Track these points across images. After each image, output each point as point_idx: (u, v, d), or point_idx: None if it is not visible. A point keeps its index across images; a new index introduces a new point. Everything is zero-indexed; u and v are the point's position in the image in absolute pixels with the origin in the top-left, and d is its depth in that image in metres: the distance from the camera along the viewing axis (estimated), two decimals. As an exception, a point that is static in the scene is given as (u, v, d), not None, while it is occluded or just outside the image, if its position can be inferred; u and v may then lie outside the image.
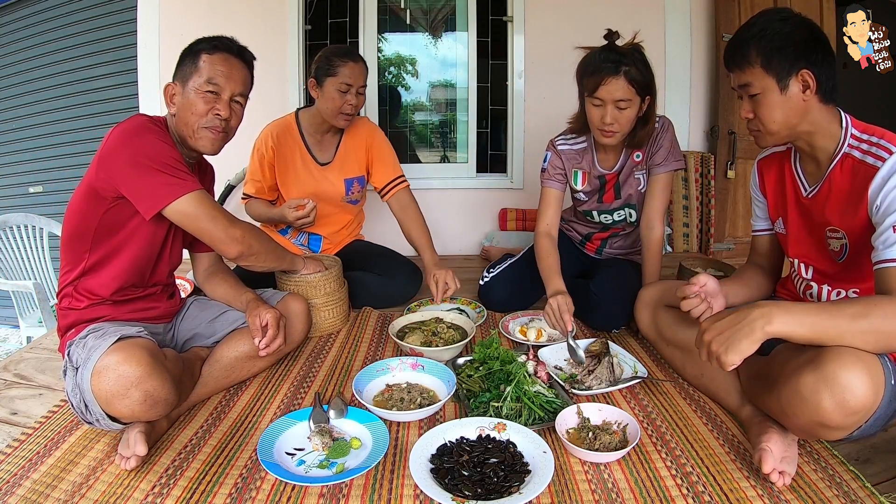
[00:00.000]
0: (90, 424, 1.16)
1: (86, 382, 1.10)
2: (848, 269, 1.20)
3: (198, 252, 1.59)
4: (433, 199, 3.08)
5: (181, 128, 1.37)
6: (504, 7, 3.00)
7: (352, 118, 2.00)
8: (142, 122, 1.29)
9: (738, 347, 1.00)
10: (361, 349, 1.73)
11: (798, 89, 1.14)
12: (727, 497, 1.03)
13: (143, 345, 1.14)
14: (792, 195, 1.30)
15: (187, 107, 1.35)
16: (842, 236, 1.17)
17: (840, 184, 1.16)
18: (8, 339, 3.61)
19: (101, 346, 1.12)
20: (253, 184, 2.10)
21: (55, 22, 3.29)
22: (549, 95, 2.96)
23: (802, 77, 1.13)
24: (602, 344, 1.55)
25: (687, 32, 2.92)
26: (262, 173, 2.07)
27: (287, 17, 2.91)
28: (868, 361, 0.96)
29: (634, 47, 1.60)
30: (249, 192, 2.13)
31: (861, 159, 1.12)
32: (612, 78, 1.57)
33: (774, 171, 1.36)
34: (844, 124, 1.17)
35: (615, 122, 1.62)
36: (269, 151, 2.05)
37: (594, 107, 1.64)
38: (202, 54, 1.36)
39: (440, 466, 1.08)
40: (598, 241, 2.04)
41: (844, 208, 1.15)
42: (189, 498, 1.05)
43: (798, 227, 1.30)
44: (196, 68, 1.36)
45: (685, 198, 2.94)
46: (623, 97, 1.58)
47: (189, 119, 1.35)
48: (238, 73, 1.40)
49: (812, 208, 1.24)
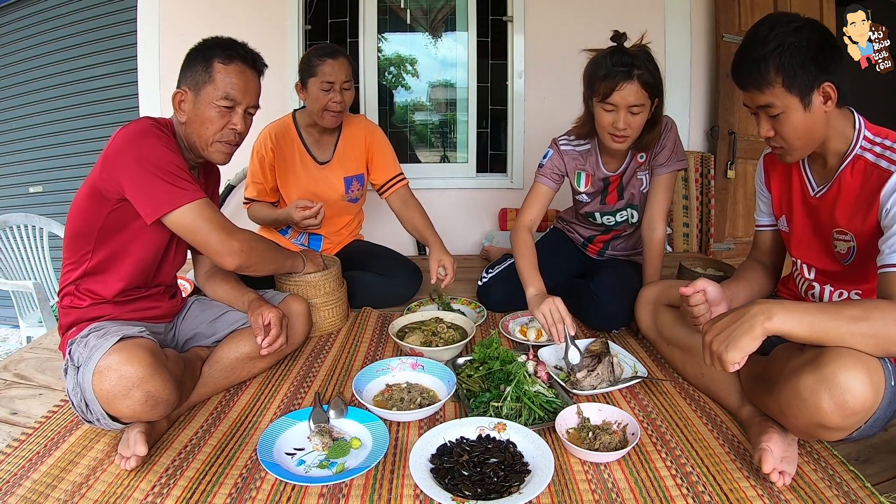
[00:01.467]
0: (90, 423, 1.16)
1: (87, 382, 1.10)
2: (852, 271, 1.19)
3: (200, 254, 1.57)
4: (433, 199, 3.08)
5: (192, 137, 1.35)
6: (504, 7, 3.00)
7: (340, 115, 1.98)
8: (147, 126, 1.27)
9: (738, 344, 0.99)
10: (361, 349, 1.73)
11: (820, 102, 1.11)
12: (727, 497, 1.03)
13: (144, 345, 1.14)
14: (798, 194, 1.29)
15: (201, 119, 1.33)
16: (850, 239, 1.16)
17: (851, 185, 1.15)
18: (8, 339, 3.61)
19: (103, 345, 1.12)
20: (254, 186, 2.09)
21: (55, 22, 3.29)
22: (549, 95, 2.96)
23: (824, 90, 1.10)
24: (602, 344, 1.55)
25: (687, 32, 2.92)
26: (263, 175, 2.06)
27: (287, 17, 2.91)
28: (868, 363, 0.96)
29: (642, 49, 1.57)
30: (251, 196, 2.11)
31: (874, 162, 1.11)
32: (626, 83, 1.53)
33: (781, 167, 1.34)
34: (857, 126, 1.15)
35: (628, 126, 1.59)
36: (269, 153, 2.04)
37: (606, 112, 1.60)
38: (216, 63, 1.32)
39: (440, 466, 1.08)
40: (600, 244, 2.04)
41: (854, 211, 1.14)
42: (189, 498, 1.04)
43: (803, 227, 1.29)
44: (210, 78, 1.32)
45: (685, 198, 2.95)
46: (636, 102, 1.55)
47: (203, 132, 1.33)
48: (253, 86, 1.38)
49: (820, 209, 1.23)
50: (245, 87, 1.34)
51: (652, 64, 1.56)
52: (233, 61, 1.33)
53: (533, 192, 1.85)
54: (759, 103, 1.15)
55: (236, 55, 1.34)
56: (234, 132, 1.36)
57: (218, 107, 1.32)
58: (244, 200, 2.15)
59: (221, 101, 1.32)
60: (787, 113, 1.12)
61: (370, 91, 3.05)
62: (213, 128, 1.33)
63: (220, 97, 1.32)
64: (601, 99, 1.58)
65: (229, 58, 1.33)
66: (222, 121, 1.33)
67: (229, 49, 1.34)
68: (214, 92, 1.31)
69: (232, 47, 1.35)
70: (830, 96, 1.10)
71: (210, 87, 1.32)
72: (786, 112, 1.12)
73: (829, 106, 1.11)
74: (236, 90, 1.33)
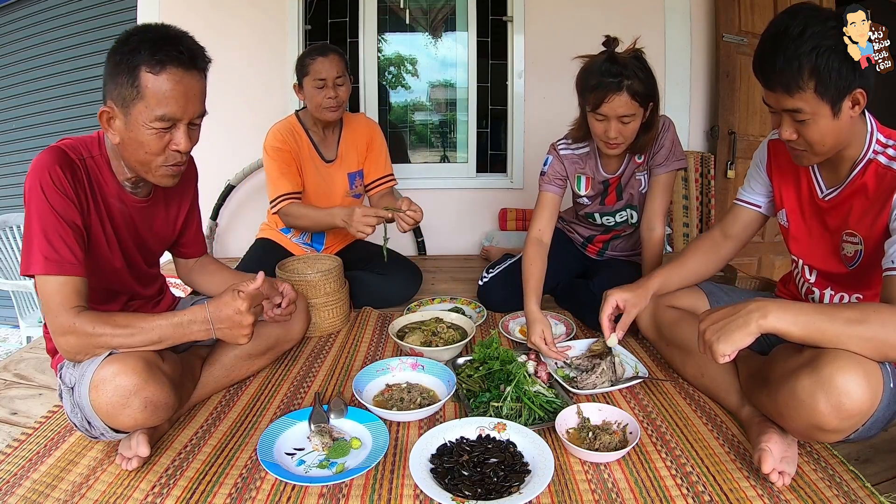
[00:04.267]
0: (96, 439, 1.14)
1: (84, 399, 1.06)
2: (857, 275, 1.17)
3: (178, 257, 1.51)
4: (433, 199, 3.08)
5: (130, 161, 1.16)
6: (504, 7, 3.00)
7: (338, 109, 1.99)
8: (47, 163, 1.09)
9: (730, 338, 0.99)
10: (361, 349, 1.72)
11: (848, 107, 1.05)
12: (727, 497, 1.03)
13: (136, 353, 1.10)
14: (806, 193, 1.26)
15: (135, 144, 1.10)
16: (858, 242, 1.14)
17: (864, 189, 1.12)
18: (8, 339, 3.61)
19: (94, 360, 1.08)
20: (285, 177, 1.98)
21: (55, 22, 3.29)
22: (549, 95, 2.96)
23: (854, 96, 1.04)
24: (603, 343, 1.55)
25: (687, 32, 2.92)
26: (288, 165, 2.00)
27: (287, 17, 2.91)
28: (866, 365, 0.95)
29: (635, 55, 1.55)
30: (286, 191, 1.98)
31: (888, 165, 1.09)
32: (614, 95, 1.51)
33: (787, 161, 1.28)
34: (870, 128, 1.12)
35: (619, 135, 1.59)
36: (286, 144, 2.01)
37: (597, 121, 1.60)
38: (143, 73, 1.05)
39: (440, 466, 1.08)
40: (599, 244, 2.04)
41: (866, 213, 1.12)
42: (189, 498, 1.04)
43: (808, 228, 1.27)
44: (138, 94, 1.06)
45: (685, 198, 2.94)
46: (626, 112, 1.54)
47: (140, 156, 1.13)
48: (194, 91, 1.11)
49: (829, 212, 1.20)
50: (185, 98, 1.09)
51: (643, 71, 1.54)
52: (164, 68, 1.06)
53: (539, 201, 1.84)
54: (784, 106, 1.07)
55: (168, 59, 1.06)
56: (178, 154, 1.14)
57: (153, 129, 1.08)
58: (276, 201, 1.99)
59: (157, 122, 1.08)
60: (815, 119, 1.05)
61: (370, 91, 3.06)
62: (152, 152, 1.11)
63: (155, 118, 1.07)
64: (592, 109, 1.59)
65: (160, 63, 1.05)
66: (161, 143, 1.11)
67: (158, 51, 1.05)
68: (147, 111, 1.07)
69: (161, 47, 1.06)
70: (859, 102, 1.05)
71: (140, 106, 1.07)
72: (813, 118, 1.05)
73: (856, 112, 1.06)
74: (173, 106, 1.08)
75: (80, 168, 1.15)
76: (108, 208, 1.21)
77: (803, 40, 1.01)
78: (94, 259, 1.19)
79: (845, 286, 1.22)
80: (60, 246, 1.08)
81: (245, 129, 2.86)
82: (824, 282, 1.26)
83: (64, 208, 1.10)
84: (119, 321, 1.10)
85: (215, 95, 2.60)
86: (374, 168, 2.20)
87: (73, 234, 1.10)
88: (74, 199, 1.12)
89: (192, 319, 1.13)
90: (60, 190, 1.09)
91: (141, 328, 1.10)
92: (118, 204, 1.23)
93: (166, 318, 1.13)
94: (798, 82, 1.02)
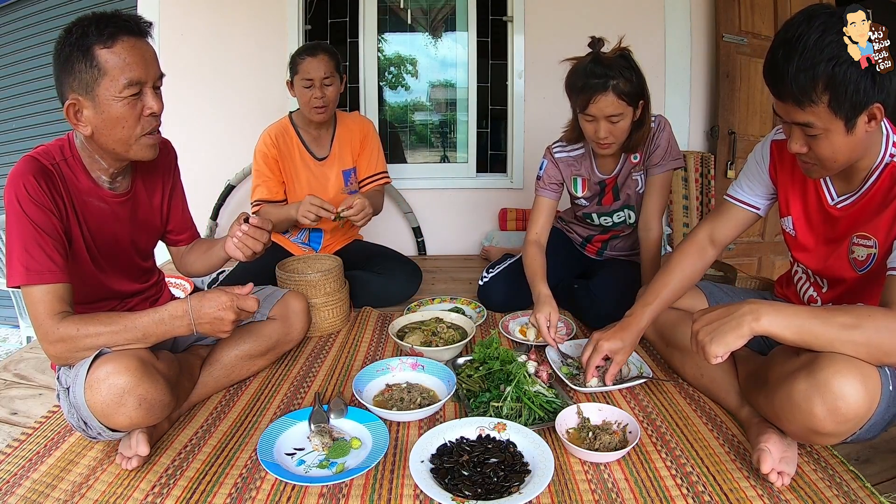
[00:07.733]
0: (94, 439, 1.14)
1: (79, 399, 1.07)
2: (864, 281, 1.14)
3: (171, 245, 1.52)
4: (433, 199, 3.09)
5: (109, 144, 1.17)
6: (504, 7, 3.00)
7: (325, 110, 2.00)
8: (21, 173, 1.11)
9: (723, 339, 0.99)
10: (361, 349, 1.72)
11: (864, 122, 0.98)
12: (727, 497, 1.03)
13: (130, 351, 1.10)
14: (814, 199, 1.21)
15: (113, 122, 1.14)
16: (872, 244, 1.10)
17: (878, 192, 1.09)
18: (8, 339, 3.61)
19: (86, 361, 1.08)
20: (263, 186, 2.08)
21: (55, 22, 3.29)
22: (549, 95, 2.96)
23: (871, 111, 0.97)
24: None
25: (687, 32, 2.92)
26: (271, 171, 2.07)
27: (287, 17, 2.91)
28: (863, 369, 0.94)
29: (621, 54, 1.55)
30: (261, 198, 2.08)
31: None
32: (600, 95, 1.53)
33: (794, 166, 1.22)
34: (886, 132, 1.07)
35: (609, 135, 1.61)
36: (273, 150, 2.06)
37: (587, 122, 1.62)
38: (97, 50, 1.09)
39: (440, 466, 1.08)
40: (598, 244, 2.04)
41: (879, 215, 1.08)
42: (189, 498, 1.05)
43: (815, 236, 1.23)
44: (100, 72, 1.10)
45: (685, 198, 2.94)
46: (614, 112, 1.56)
47: (119, 134, 1.15)
48: (150, 54, 1.16)
49: (841, 220, 1.16)
50: (144, 61, 1.14)
51: (630, 70, 1.54)
52: (117, 39, 1.11)
53: (535, 205, 1.88)
54: (794, 119, 1.01)
55: (117, 30, 1.11)
56: (154, 117, 1.18)
57: (124, 99, 1.12)
58: (253, 204, 2.12)
59: (126, 90, 1.12)
60: (827, 135, 0.99)
61: (370, 91, 3.06)
62: (130, 123, 1.15)
63: (123, 87, 1.11)
64: (580, 110, 1.61)
65: (111, 37, 1.10)
66: (135, 112, 1.15)
67: (106, 27, 1.11)
68: (113, 84, 1.11)
69: (107, 23, 1.11)
70: (876, 116, 0.97)
71: (105, 82, 1.10)
72: (825, 134, 0.99)
73: (873, 127, 0.99)
74: (137, 70, 1.12)
75: (54, 174, 1.16)
76: (87, 209, 1.22)
77: (822, 48, 0.93)
78: (79, 262, 1.21)
79: (850, 295, 1.18)
80: (39, 255, 1.10)
81: (245, 129, 2.85)
82: (829, 289, 1.23)
83: (41, 217, 1.11)
84: (102, 320, 1.12)
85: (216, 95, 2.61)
86: (367, 165, 2.21)
87: (53, 241, 1.12)
88: (52, 206, 1.13)
89: (172, 314, 1.15)
90: (36, 200, 1.11)
91: (124, 325, 1.12)
92: (98, 203, 1.24)
93: (149, 314, 1.15)
94: (811, 95, 0.95)
